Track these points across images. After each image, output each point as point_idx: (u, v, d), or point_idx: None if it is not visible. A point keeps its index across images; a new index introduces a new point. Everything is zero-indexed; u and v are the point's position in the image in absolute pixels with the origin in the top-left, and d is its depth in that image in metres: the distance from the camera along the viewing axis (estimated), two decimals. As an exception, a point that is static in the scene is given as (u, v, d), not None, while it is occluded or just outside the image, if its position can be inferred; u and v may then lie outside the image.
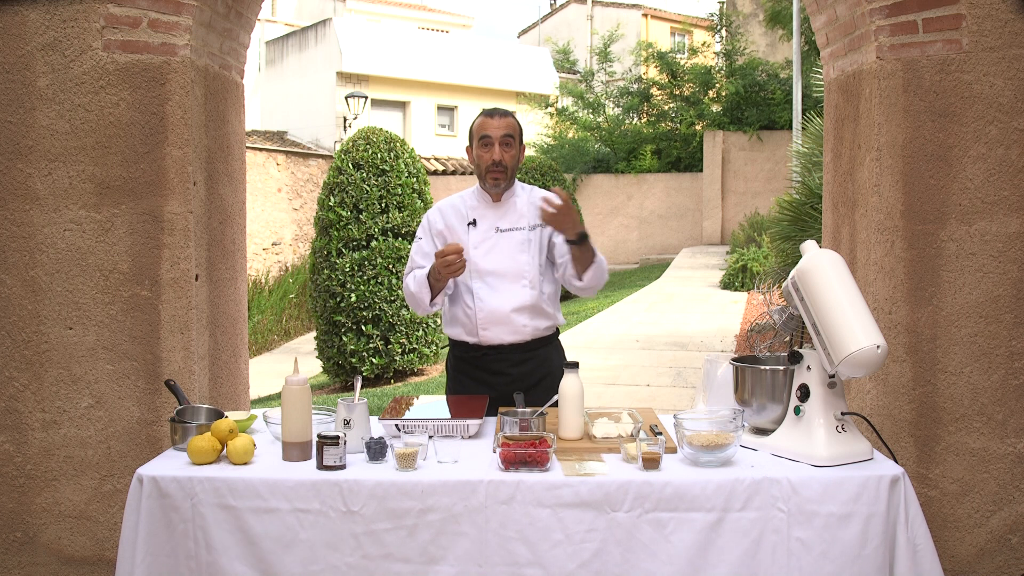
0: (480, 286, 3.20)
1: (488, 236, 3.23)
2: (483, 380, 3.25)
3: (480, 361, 3.26)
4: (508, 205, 3.27)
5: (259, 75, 23.46)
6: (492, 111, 3.26)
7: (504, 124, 3.20)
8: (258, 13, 3.72)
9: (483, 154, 3.20)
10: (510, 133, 3.19)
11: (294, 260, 18.41)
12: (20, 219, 3.15)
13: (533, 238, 3.24)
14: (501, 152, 3.18)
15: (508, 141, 3.19)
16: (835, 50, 3.47)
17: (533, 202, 3.26)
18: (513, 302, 3.18)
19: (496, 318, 3.19)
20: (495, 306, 3.18)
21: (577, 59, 24.87)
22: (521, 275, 3.20)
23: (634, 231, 18.92)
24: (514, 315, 3.19)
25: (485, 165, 3.20)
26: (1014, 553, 3.10)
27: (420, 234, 3.33)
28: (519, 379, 3.20)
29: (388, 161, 9.21)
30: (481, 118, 3.24)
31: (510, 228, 3.24)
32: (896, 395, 3.13)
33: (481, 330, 3.21)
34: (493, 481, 2.38)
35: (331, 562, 2.38)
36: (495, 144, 3.17)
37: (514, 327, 3.20)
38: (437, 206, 3.37)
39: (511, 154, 3.20)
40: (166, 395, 3.14)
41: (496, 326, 3.20)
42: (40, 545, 3.19)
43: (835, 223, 3.52)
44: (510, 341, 3.21)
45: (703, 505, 2.37)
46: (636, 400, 7.16)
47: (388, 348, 9.06)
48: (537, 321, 3.23)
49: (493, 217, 3.26)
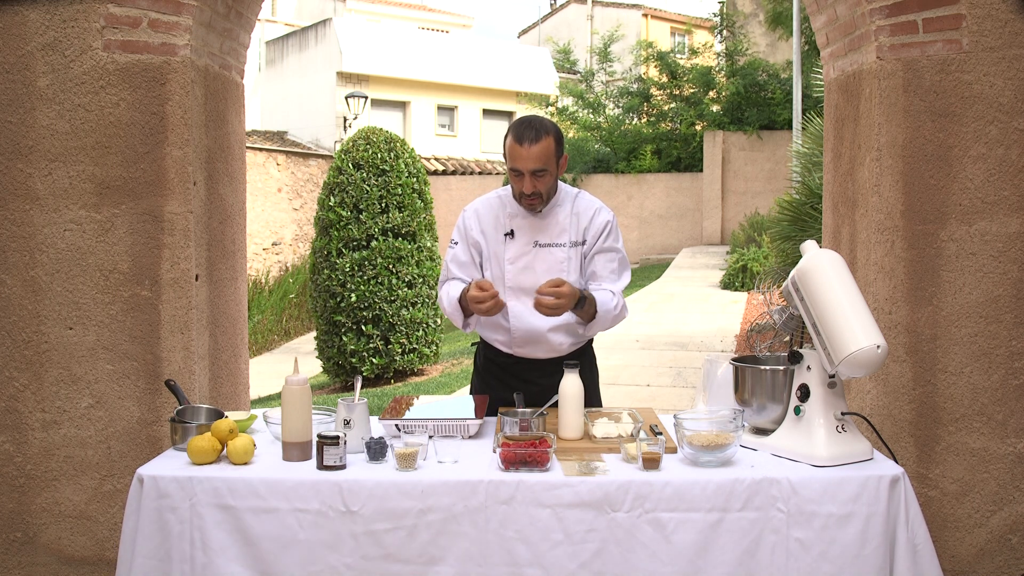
0: (515, 304, 3.06)
1: (526, 251, 3.05)
2: (511, 385, 3.12)
3: (512, 368, 3.16)
4: (549, 218, 3.06)
5: (259, 75, 23.46)
6: (522, 133, 2.92)
7: (535, 155, 2.89)
8: (258, 13, 3.72)
9: (515, 182, 2.98)
10: (542, 167, 2.91)
11: (294, 260, 18.41)
12: (20, 219, 3.14)
13: (573, 256, 3.06)
14: (533, 183, 2.93)
15: (541, 173, 2.93)
16: (835, 50, 3.47)
17: (577, 213, 3.07)
18: (550, 322, 3.03)
19: (532, 337, 3.08)
20: (531, 325, 3.05)
21: (577, 59, 24.87)
22: None
23: (634, 231, 18.91)
24: (550, 335, 3.07)
25: (518, 192, 3.00)
26: (1014, 553, 3.09)
27: (455, 237, 3.16)
28: (548, 389, 2.97)
29: (388, 161, 9.21)
30: (511, 141, 2.94)
31: (549, 244, 3.05)
32: (896, 395, 3.13)
33: (516, 346, 3.12)
34: (493, 481, 2.38)
35: (330, 562, 2.38)
36: (526, 176, 2.93)
37: (550, 345, 3.09)
38: (474, 207, 3.16)
39: (545, 182, 2.95)
40: (166, 395, 3.14)
41: (531, 344, 3.09)
42: (40, 545, 3.19)
43: (835, 223, 3.52)
44: (545, 357, 3.12)
45: (703, 505, 2.37)
46: (636, 400, 7.16)
47: (388, 348, 9.06)
48: (573, 338, 3.12)
49: (532, 230, 3.06)
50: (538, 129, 2.93)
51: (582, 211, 3.07)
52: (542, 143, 2.91)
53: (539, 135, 2.92)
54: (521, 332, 3.08)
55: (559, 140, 2.98)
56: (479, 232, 3.11)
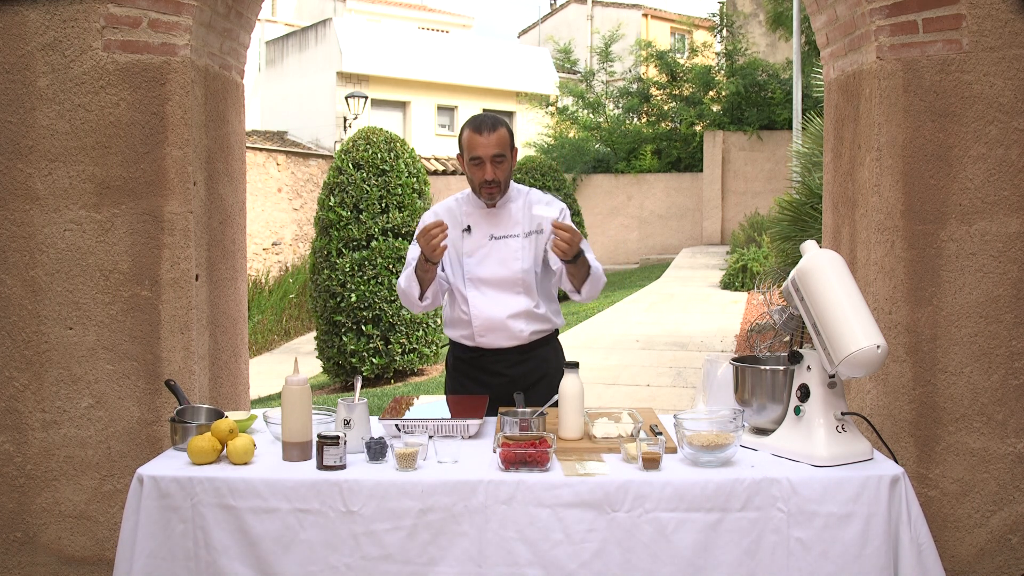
0: (475, 294, 3.19)
1: (482, 244, 3.19)
2: (481, 380, 3.25)
3: (478, 362, 3.27)
4: (503, 212, 3.21)
5: (259, 75, 23.46)
6: (479, 124, 3.12)
7: (494, 142, 3.08)
8: (258, 13, 3.72)
9: (475, 172, 3.12)
10: (501, 152, 3.09)
11: (294, 260, 18.41)
12: (20, 219, 3.14)
13: (528, 244, 3.19)
14: (493, 170, 3.09)
15: (500, 159, 3.10)
16: (835, 50, 3.47)
17: (529, 205, 3.22)
18: (509, 309, 3.17)
19: (492, 325, 3.18)
20: (491, 314, 3.17)
21: (578, 59, 24.87)
22: (516, 283, 3.17)
23: (634, 231, 18.91)
24: (510, 321, 3.17)
25: (478, 182, 3.13)
26: (1014, 553, 3.09)
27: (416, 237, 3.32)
28: (517, 379, 3.20)
29: (388, 161, 9.21)
30: (468, 133, 3.13)
31: (504, 235, 3.19)
32: (896, 395, 3.13)
33: (478, 336, 3.21)
34: (493, 481, 2.38)
35: (330, 562, 2.38)
36: (487, 163, 3.09)
37: (511, 332, 3.19)
38: (433, 210, 3.33)
39: (503, 169, 3.12)
40: (166, 395, 3.14)
41: (493, 332, 3.19)
42: (40, 545, 3.19)
43: (835, 223, 3.52)
44: (508, 345, 3.21)
45: (703, 505, 2.37)
46: (636, 400, 7.16)
47: (388, 348, 9.06)
48: (534, 325, 3.22)
49: (487, 224, 3.21)
50: (494, 120, 3.14)
51: (534, 202, 3.21)
52: (499, 131, 3.10)
53: (496, 125, 3.12)
54: (481, 321, 3.19)
55: (511, 133, 3.17)
56: None
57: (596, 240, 18.17)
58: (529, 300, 3.19)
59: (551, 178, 14.07)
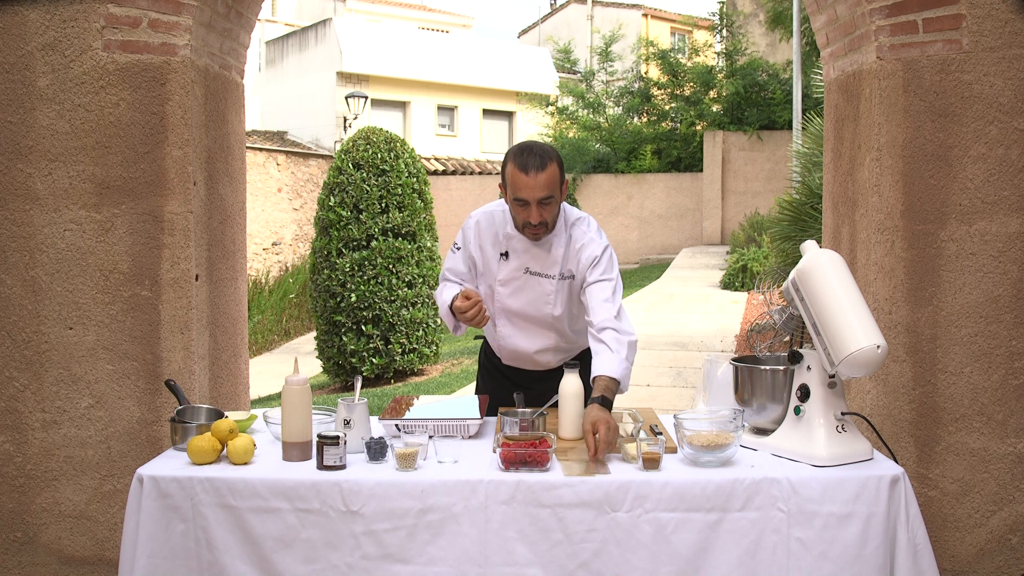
0: (504, 324, 3.11)
1: (516, 276, 3.02)
2: (508, 387, 3.22)
3: (507, 372, 3.27)
4: (543, 247, 2.98)
5: (259, 75, 23.46)
6: (527, 161, 2.78)
7: (543, 184, 2.77)
8: (258, 13, 3.72)
9: (519, 211, 2.85)
10: (550, 194, 2.80)
11: (294, 260, 18.41)
12: (20, 219, 3.15)
13: (562, 288, 3.01)
14: (540, 212, 2.82)
15: (547, 201, 2.81)
16: (835, 50, 3.47)
17: (573, 245, 2.97)
18: (537, 345, 3.11)
19: (519, 357, 3.17)
20: (519, 346, 3.13)
21: (578, 58, 24.87)
22: (545, 321, 3.06)
23: (634, 231, 18.90)
24: (537, 356, 3.15)
25: (522, 222, 2.88)
26: (1014, 553, 3.09)
27: (458, 242, 3.14)
28: (545, 392, 3.02)
29: (388, 161, 9.21)
30: (513, 169, 2.80)
31: (539, 273, 3.00)
32: (896, 395, 3.13)
33: (505, 360, 3.22)
34: (493, 481, 2.38)
35: (331, 562, 2.38)
36: (533, 206, 2.81)
37: (538, 363, 3.17)
38: (478, 218, 3.09)
39: (551, 210, 2.84)
40: (166, 395, 3.14)
41: (519, 361, 3.19)
42: (40, 545, 3.19)
43: (835, 223, 3.52)
44: (534, 370, 3.20)
45: (703, 505, 2.37)
46: (636, 400, 7.16)
47: (388, 348, 9.06)
48: (561, 356, 3.17)
49: (525, 256, 3.00)
50: (542, 156, 2.80)
51: (574, 242, 2.97)
52: (548, 171, 2.79)
53: (544, 162, 2.79)
54: (508, 352, 3.18)
55: (561, 166, 2.88)
56: (477, 247, 3.08)
57: (596, 240, 18.13)
58: (559, 338, 3.11)
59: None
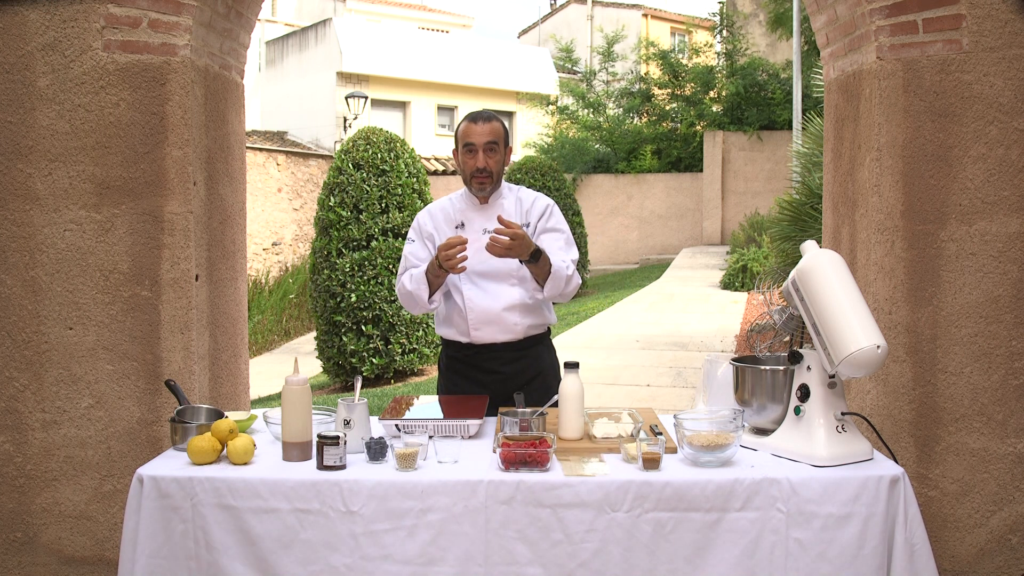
0: (470, 287, 3.23)
1: (476, 238, 3.21)
2: (476, 379, 3.27)
3: (472, 360, 3.28)
4: (495, 207, 3.28)
5: (259, 75, 23.46)
6: (476, 116, 3.26)
7: (488, 130, 3.19)
8: (258, 13, 3.72)
9: (468, 160, 3.22)
10: (494, 140, 3.19)
11: (294, 260, 18.41)
12: (20, 219, 3.15)
13: None
14: (485, 159, 3.19)
15: (492, 147, 3.20)
16: (835, 50, 3.47)
17: (519, 199, 3.32)
18: (503, 301, 3.21)
19: (488, 318, 3.21)
20: (486, 306, 3.21)
21: (579, 58, 24.87)
22: (509, 274, 3.21)
23: (634, 231, 18.91)
24: (505, 314, 3.21)
25: (470, 171, 3.22)
26: (1014, 553, 3.09)
27: (412, 236, 3.35)
28: (511, 377, 3.22)
29: (388, 161, 9.21)
30: (465, 123, 3.25)
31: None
32: (896, 395, 3.13)
33: (473, 330, 3.23)
34: (493, 481, 2.38)
35: (331, 562, 2.38)
36: (479, 151, 3.19)
37: (506, 326, 3.22)
38: (427, 208, 3.41)
39: (496, 159, 3.22)
40: (166, 395, 3.15)
41: (488, 326, 3.22)
42: (40, 545, 3.19)
43: (835, 223, 3.52)
44: (503, 340, 3.23)
45: (703, 505, 2.37)
46: (636, 400, 7.16)
47: (388, 348, 9.06)
48: (529, 319, 3.25)
49: (480, 219, 3.27)
50: (490, 114, 3.27)
51: (523, 198, 3.32)
52: (493, 123, 3.23)
53: (491, 118, 3.24)
54: (476, 314, 3.22)
55: (506, 131, 3.28)
56: (432, 228, 3.33)
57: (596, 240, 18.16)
58: (524, 292, 3.22)
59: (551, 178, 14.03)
